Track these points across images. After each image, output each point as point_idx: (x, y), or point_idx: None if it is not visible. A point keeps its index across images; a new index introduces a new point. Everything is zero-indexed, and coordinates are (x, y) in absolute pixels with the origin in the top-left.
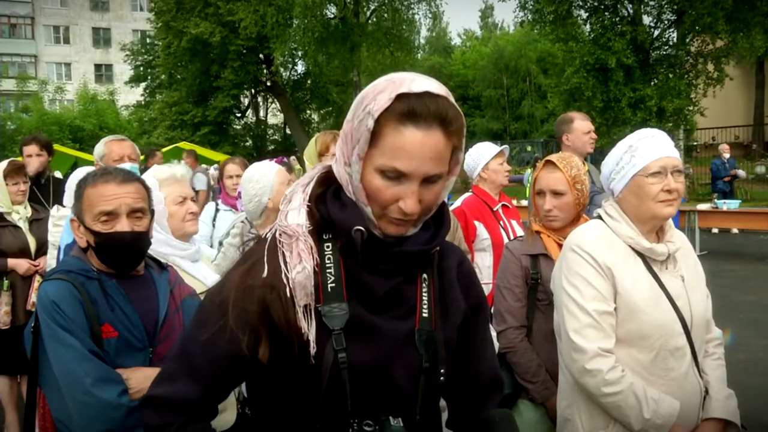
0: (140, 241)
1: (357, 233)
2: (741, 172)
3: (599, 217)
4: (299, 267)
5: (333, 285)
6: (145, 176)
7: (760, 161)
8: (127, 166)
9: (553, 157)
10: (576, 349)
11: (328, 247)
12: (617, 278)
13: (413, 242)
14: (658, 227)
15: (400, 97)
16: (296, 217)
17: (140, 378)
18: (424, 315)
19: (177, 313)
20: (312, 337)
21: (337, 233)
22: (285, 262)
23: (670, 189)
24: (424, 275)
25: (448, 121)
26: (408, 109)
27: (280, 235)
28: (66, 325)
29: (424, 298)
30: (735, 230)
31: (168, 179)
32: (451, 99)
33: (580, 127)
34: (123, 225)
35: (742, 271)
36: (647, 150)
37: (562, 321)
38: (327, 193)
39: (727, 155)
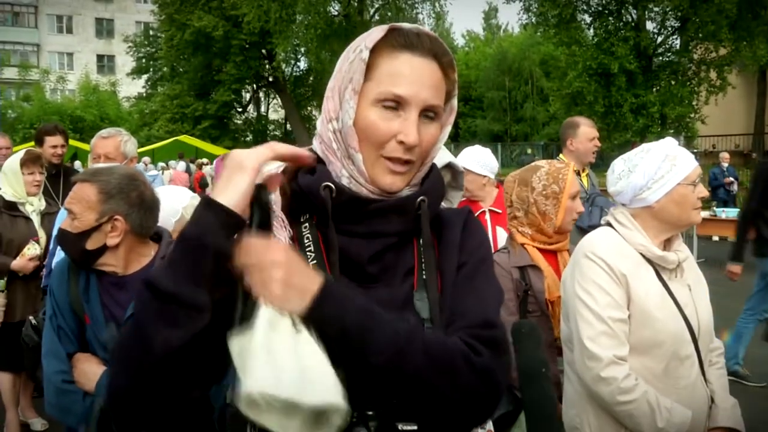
0: (60, 239)
1: (325, 190)
2: (732, 184)
3: (608, 224)
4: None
5: (314, 263)
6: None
7: None
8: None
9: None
10: (590, 356)
11: (305, 228)
12: (631, 285)
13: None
14: (673, 236)
15: (393, 31)
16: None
17: (81, 369)
18: (423, 277)
19: None
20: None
21: (312, 211)
22: None
23: (701, 197)
24: (422, 241)
25: (441, 53)
26: (403, 39)
27: None
28: (52, 302)
29: (423, 261)
30: None
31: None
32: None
33: (586, 133)
34: (65, 222)
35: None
36: (685, 159)
37: (575, 328)
38: (300, 170)
39: (725, 164)
